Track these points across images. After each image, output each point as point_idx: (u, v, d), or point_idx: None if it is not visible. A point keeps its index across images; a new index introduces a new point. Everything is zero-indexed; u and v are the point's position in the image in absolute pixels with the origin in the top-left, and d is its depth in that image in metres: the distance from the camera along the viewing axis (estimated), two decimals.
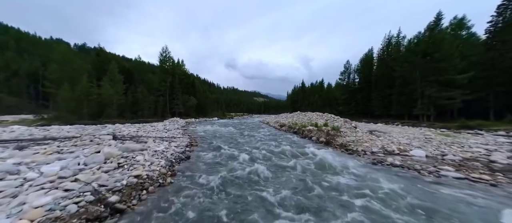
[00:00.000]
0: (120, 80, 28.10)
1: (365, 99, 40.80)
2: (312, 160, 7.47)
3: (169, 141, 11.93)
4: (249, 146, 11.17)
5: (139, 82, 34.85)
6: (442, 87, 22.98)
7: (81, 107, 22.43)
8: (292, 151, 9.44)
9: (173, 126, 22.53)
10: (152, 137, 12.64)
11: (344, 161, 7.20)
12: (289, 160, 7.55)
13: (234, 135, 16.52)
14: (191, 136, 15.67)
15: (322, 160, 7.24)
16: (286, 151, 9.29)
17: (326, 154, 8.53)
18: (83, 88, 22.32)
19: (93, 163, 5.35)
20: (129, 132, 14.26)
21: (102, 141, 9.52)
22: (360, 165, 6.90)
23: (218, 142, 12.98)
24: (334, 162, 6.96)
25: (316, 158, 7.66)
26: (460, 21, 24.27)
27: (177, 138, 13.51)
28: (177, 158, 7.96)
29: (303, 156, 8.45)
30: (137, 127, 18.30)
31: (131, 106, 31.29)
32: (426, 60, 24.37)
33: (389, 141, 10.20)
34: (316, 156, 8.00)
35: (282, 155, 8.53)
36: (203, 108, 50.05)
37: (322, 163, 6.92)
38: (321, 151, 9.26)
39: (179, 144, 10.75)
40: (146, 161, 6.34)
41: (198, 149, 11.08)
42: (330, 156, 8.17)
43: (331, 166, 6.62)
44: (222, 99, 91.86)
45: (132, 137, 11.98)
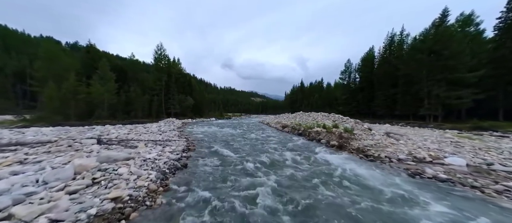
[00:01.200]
0: (111, 79, 26.44)
1: (366, 99, 39.89)
2: (334, 171, 6.18)
3: (163, 145, 10.53)
4: (252, 150, 9.87)
5: (132, 81, 33.18)
6: (451, 86, 22.06)
7: (68, 107, 20.76)
8: (304, 157, 8.18)
9: (169, 127, 21.06)
10: (144, 141, 11.23)
11: (372, 173, 5.92)
12: (306, 171, 6.26)
13: (234, 137, 15.20)
14: (188, 139, 14.28)
15: (346, 171, 5.99)
16: (298, 158, 8.03)
17: (345, 162, 7.29)
18: (70, 87, 20.66)
19: (56, 180, 3.96)
20: (119, 135, 12.79)
21: (83, 146, 8.09)
22: (394, 177, 5.63)
23: (217, 145, 11.64)
24: (363, 174, 5.69)
25: (336, 168, 6.41)
26: (467, 18, 23.42)
27: (172, 141, 12.12)
28: (172, 167, 6.61)
29: (320, 164, 7.17)
30: (128, 129, 16.79)
31: (124, 106, 29.62)
32: (433, 58, 23.44)
33: (413, 145, 9.01)
34: (337, 166, 6.75)
35: (295, 164, 7.24)
36: (200, 108, 48.52)
37: (347, 176, 5.65)
38: (336, 157, 8.03)
39: (175, 149, 9.38)
40: (131, 174, 4.97)
41: (196, 154, 9.73)
42: (351, 164, 6.92)
43: (360, 180, 5.34)
44: (219, 99, 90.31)
45: (121, 141, 10.56)
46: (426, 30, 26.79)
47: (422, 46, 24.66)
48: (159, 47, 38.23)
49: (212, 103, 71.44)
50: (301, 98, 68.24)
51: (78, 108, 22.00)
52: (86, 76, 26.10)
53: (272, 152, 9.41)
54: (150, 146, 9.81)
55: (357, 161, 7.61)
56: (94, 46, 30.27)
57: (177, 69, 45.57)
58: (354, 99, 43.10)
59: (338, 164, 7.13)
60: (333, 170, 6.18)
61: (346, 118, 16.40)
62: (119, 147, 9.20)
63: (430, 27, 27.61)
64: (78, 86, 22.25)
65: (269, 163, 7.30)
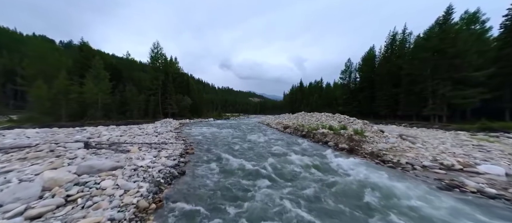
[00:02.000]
0: (106, 78, 25.35)
1: (368, 99, 39.27)
2: (354, 181, 5.34)
3: (158, 148, 9.63)
4: (256, 154, 9.02)
5: (128, 81, 32.07)
6: (456, 85, 21.46)
7: (59, 107, 19.67)
8: (315, 163, 7.35)
9: (165, 128, 20.11)
10: (138, 144, 10.31)
11: (400, 184, 5.08)
12: (323, 182, 5.41)
13: (235, 139, 14.35)
14: (186, 141, 13.40)
15: (368, 182, 5.16)
16: (308, 164, 7.20)
17: (362, 169, 6.48)
18: (60, 86, 19.56)
19: (15, 201, 3.06)
20: (110, 137, 11.83)
21: (66, 152, 7.16)
22: (427, 189, 4.80)
23: (218, 148, 10.79)
24: (391, 187, 4.85)
25: (356, 178, 5.59)
26: (472, 15, 22.86)
27: (169, 143, 11.21)
28: (167, 175, 5.75)
29: (335, 173, 6.35)
30: (122, 130, 15.81)
31: (119, 107, 28.53)
32: (438, 56, 22.84)
33: (434, 149, 8.21)
34: (355, 175, 5.94)
35: (307, 172, 6.40)
36: (198, 108, 47.49)
37: (373, 189, 4.82)
38: (350, 163, 7.23)
39: (171, 153, 8.48)
40: (117, 188, 4.08)
41: (195, 158, 8.87)
42: (371, 172, 6.10)
43: (392, 194, 4.51)
44: (217, 99, 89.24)
45: (112, 144, 9.62)
46: (431, 28, 26.22)
47: (427, 45, 24.06)
48: (155, 46, 37.15)
49: (210, 103, 70.40)
50: (301, 98, 67.51)
51: (69, 109, 20.92)
52: (79, 75, 24.99)
53: (277, 156, 8.57)
54: (144, 150, 8.91)
55: (374, 167, 6.80)
56: (87, 44, 29.09)
57: (174, 69, 44.52)
58: (355, 99, 42.47)
59: (356, 171, 6.30)
60: (353, 181, 5.33)
61: (352, 119, 15.62)
62: (109, 151, 8.27)
63: (433, 26, 27.07)
64: (69, 85, 21.15)
65: (277, 170, 6.45)
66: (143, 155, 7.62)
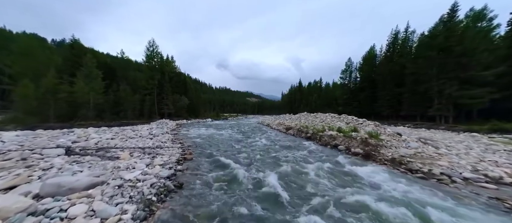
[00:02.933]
0: (98, 76, 24.10)
1: (368, 99, 38.59)
2: (385, 198, 4.39)
3: (152, 153, 8.58)
4: (262, 160, 8.03)
5: (122, 80, 30.79)
6: (463, 85, 20.78)
7: (46, 107, 18.41)
8: (331, 171, 6.42)
9: (161, 129, 18.98)
10: (130, 148, 9.22)
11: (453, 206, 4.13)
12: (349, 199, 4.44)
13: (236, 141, 13.36)
14: (183, 144, 12.36)
15: (407, 200, 4.22)
16: (324, 173, 6.26)
17: (388, 180, 5.56)
18: (48, 85, 18.31)
19: None
20: (100, 140, 10.72)
21: (42, 159, 6.08)
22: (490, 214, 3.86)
23: (218, 152, 9.78)
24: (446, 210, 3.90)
25: (388, 193, 4.65)
26: (478, 13, 22.21)
27: (164, 147, 10.16)
28: (161, 190, 4.76)
29: (358, 184, 5.40)
30: (114, 132, 14.69)
31: (113, 107, 27.28)
32: (444, 55, 22.14)
33: (467, 155, 7.29)
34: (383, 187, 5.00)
35: (326, 184, 5.44)
36: (196, 109, 46.32)
37: (413, 206, 3.87)
38: (371, 172, 6.34)
39: (167, 160, 7.44)
40: (91, 217, 3.06)
41: (194, 165, 7.86)
42: (404, 185, 5.16)
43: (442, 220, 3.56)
44: (214, 99, 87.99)
45: (99, 149, 8.52)
46: (435, 26, 25.56)
47: (432, 43, 23.36)
48: (151, 44, 35.89)
49: (208, 103, 69.19)
50: (300, 98, 66.72)
51: (58, 109, 19.66)
52: (70, 74, 23.69)
53: (286, 162, 7.60)
54: (136, 156, 7.85)
55: (403, 178, 5.84)
56: (78, 41, 27.72)
57: (171, 68, 43.27)
58: (355, 99, 41.77)
59: (384, 183, 5.37)
60: (392, 199, 4.38)
61: (362, 120, 14.70)
62: (95, 158, 7.20)
63: (437, 24, 26.43)
64: (58, 84, 19.88)
65: (290, 182, 5.48)
66: (134, 163, 6.57)
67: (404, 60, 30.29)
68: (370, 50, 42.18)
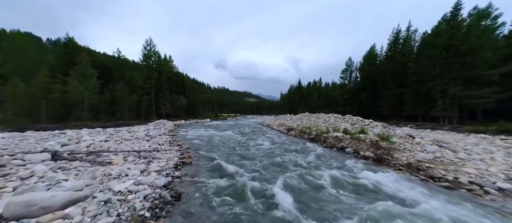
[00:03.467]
0: (93, 76, 23.33)
1: (369, 99, 38.17)
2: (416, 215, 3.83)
3: (148, 157, 7.94)
4: (269, 166, 7.42)
5: (119, 79, 30.00)
6: (468, 84, 20.37)
7: (38, 108, 17.63)
8: (345, 179, 5.85)
9: (159, 130, 18.29)
10: (124, 152, 8.57)
11: None
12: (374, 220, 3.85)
13: (238, 143, 12.75)
14: (182, 146, 11.74)
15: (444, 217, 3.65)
16: (338, 183, 5.68)
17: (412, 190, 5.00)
18: (40, 84, 17.52)
19: None
20: (92, 143, 10.04)
21: (23, 166, 5.42)
22: None
23: (219, 155, 9.15)
24: None
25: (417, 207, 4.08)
26: (482, 11, 21.81)
27: (161, 150, 9.51)
28: (157, 202, 4.17)
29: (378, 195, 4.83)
30: (108, 134, 14.00)
31: (108, 107, 26.52)
32: (448, 54, 21.72)
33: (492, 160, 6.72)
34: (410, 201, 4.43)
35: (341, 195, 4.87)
36: (194, 109, 45.60)
37: None
38: (391, 180, 5.79)
39: (164, 166, 6.81)
40: None
41: (193, 170, 7.26)
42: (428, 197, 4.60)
43: None
44: (213, 99, 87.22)
45: (90, 153, 7.86)
46: (438, 25, 25.17)
47: (436, 42, 22.94)
48: (148, 43, 35.11)
49: (206, 103, 68.44)
50: (299, 98, 66.21)
51: (51, 109, 18.86)
52: (64, 73, 22.89)
53: (295, 169, 7.00)
54: (130, 161, 7.21)
55: (426, 187, 5.25)
56: (72, 39, 26.89)
57: (168, 67, 42.54)
58: (356, 99, 41.34)
59: (406, 194, 4.79)
60: (420, 214, 3.81)
61: (368, 121, 14.13)
62: (84, 164, 6.55)
63: (440, 22, 26.06)
64: (51, 83, 19.10)
65: (304, 197, 4.87)
66: (127, 170, 5.93)
67: (406, 60, 29.88)
68: (371, 50, 41.79)
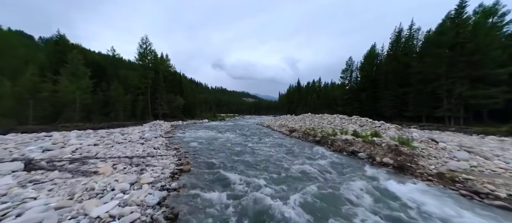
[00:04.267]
0: (85, 75, 22.20)
1: (370, 99, 37.57)
2: None
3: (141, 164, 7.00)
4: (278, 176, 6.54)
5: (113, 79, 28.82)
6: (475, 84, 19.78)
7: (25, 108, 16.50)
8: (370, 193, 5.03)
9: (155, 132, 17.31)
10: (114, 158, 7.62)
11: None
12: None
13: (239, 147, 11.88)
14: (179, 149, 10.83)
15: None
16: (363, 198, 4.85)
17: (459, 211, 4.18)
18: (27, 83, 16.41)
19: None
20: (80, 147, 9.05)
21: None
22: None
23: (221, 162, 8.25)
24: None
25: None
26: (490, 8, 21.22)
27: (156, 155, 8.59)
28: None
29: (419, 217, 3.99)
30: (99, 136, 12.99)
31: (102, 107, 25.38)
32: (454, 52, 21.10)
33: None
34: None
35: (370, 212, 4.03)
36: (192, 109, 44.52)
37: None
38: (421, 193, 5.01)
39: (158, 176, 5.90)
40: None
41: (192, 179, 6.40)
42: None
43: None
44: (210, 99, 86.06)
45: (75, 160, 6.89)
46: (442, 23, 24.61)
47: (441, 40, 22.32)
48: (144, 41, 33.93)
49: (204, 103, 67.31)
50: (298, 98, 65.46)
51: (39, 110, 17.73)
52: (54, 71, 21.71)
53: (308, 179, 6.17)
54: (119, 170, 6.28)
55: (474, 206, 4.44)
56: (64, 37, 25.66)
57: (165, 66, 41.43)
58: (357, 99, 40.72)
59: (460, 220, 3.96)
60: None
61: (379, 123, 13.31)
62: (64, 174, 5.60)
63: (444, 20, 25.51)
64: (40, 82, 17.97)
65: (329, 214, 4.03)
66: (114, 183, 5.01)
67: (408, 59, 29.29)
68: (371, 49, 41.24)
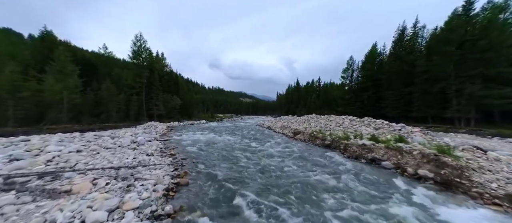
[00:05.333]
0: (74, 73, 20.66)
1: (372, 99, 36.70)
2: None
3: (129, 178, 5.69)
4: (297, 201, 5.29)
5: (105, 78, 27.22)
6: (488, 83, 18.90)
7: (4, 108, 14.96)
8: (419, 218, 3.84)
9: (149, 135, 15.93)
10: (96, 170, 6.30)
11: None
12: None
13: (242, 152, 10.66)
14: (176, 156, 9.55)
15: None
16: None
17: None
18: (7, 82, 14.86)
19: None
20: (57, 155, 7.67)
21: None
22: None
23: (224, 174, 6.98)
24: None
25: None
26: (502, 4, 20.37)
27: (149, 164, 7.29)
28: None
29: None
30: (86, 140, 11.58)
31: (93, 108, 23.82)
32: (465, 50, 20.21)
33: None
34: None
35: None
36: (188, 109, 43.05)
37: None
38: None
39: (149, 195, 4.61)
40: None
41: (190, 198, 5.15)
42: None
43: None
44: (207, 99, 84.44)
45: (45, 174, 5.54)
46: (449, 20, 23.78)
47: (450, 37, 21.42)
48: (138, 38, 32.34)
49: (201, 103, 65.76)
50: (298, 98, 64.40)
51: (21, 111, 16.18)
52: (39, 69, 20.11)
53: (337, 201, 4.94)
54: (101, 186, 4.98)
55: None
56: (51, 32, 24.00)
57: (161, 65, 39.90)
58: (358, 99, 39.84)
59: None
60: None
61: (399, 125, 12.09)
62: (23, 195, 4.27)
63: (451, 18, 24.72)
64: (21, 81, 16.42)
65: None
66: (87, 210, 3.71)
67: (413, 58, 28.44)
68: (373, 48, 40.44)
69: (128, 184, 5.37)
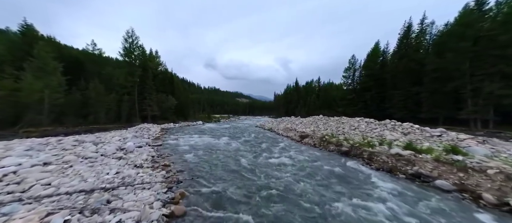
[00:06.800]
0: (56, 70, 18.60)
1: (376, 100, 35.38)
2: None
3: (103, 207, 3.90)
4: None
5: (93, 76, 25.12)
6: (509, 81, 17.63)
7: None
8: None
9: (140, 139, 14.08)
10: (58, 195, 4.50)
11: None
12: None
13: (247, 161, 9.02)
14: (170, 166, 7.86)
15: None
16: None
17: None
18: None
19: None
20: (12, 172, 5.84)
21: None
22: None
23: (230, 193, 5.31)
24: None
25: None
26: None
27: (136, 183, 5.54)
28: None
29: None
30: (61, 148, 9.70)
31: (79, 108, 21.75)
32: (482, 46, 18.94)
33: None
34: None
35: None
36: (184, 110, 41.05)
37: None
38: None
39: None
40: None
41: None
42: None
43: None
44: (204, 99, 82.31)
45: None
46: (461, 15, 22.57)
47: (465, 32, 20.13)
48: (129, 34, 30.19)
49: (197, 104, 63.67)
50: (297, 99, 62.90)
51: None
52: (18, 67, 17.98)
53: None
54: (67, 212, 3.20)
55: None
56: (31, 26, 21.78)
57: (155, 64, 37.82)
58: (361, 99, 38.50)
59: None
60: None
61: (438, 130, 10.39)
62: None
63: (461, 13, 23.54)
64: None
65: None
66: None
67: (421, 55, 27.16)
68: (375, 47, 39.22)
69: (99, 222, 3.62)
